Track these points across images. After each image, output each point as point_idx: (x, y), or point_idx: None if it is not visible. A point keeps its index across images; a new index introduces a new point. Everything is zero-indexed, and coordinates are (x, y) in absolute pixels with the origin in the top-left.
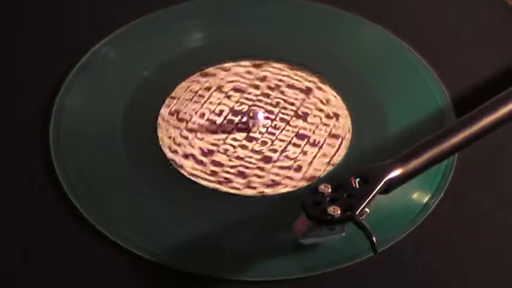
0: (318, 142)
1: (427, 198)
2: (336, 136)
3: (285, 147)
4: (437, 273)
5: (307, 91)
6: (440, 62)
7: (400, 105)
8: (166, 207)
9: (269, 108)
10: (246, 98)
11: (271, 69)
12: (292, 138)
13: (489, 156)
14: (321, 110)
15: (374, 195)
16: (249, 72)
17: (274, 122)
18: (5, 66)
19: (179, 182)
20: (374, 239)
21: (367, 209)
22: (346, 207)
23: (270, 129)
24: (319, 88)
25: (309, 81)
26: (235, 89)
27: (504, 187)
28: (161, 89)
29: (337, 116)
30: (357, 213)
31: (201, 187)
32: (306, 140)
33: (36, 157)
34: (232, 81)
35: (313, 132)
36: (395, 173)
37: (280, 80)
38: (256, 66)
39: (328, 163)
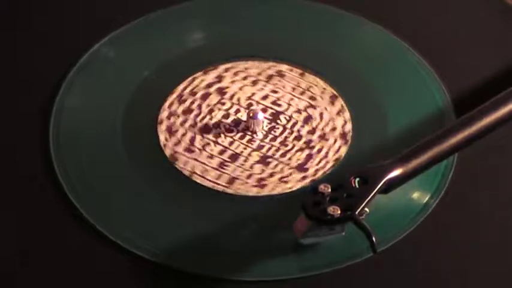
0: (320, 137)
1: (426, 198)
2: (335, 130)
3: (287, 147)
4: (437, 273)
5: (304, 89)
6: (440, 62)
7: (400, 105)
8: (166, 207)
9: (271, 108)
10: (244, 99)
11: (277, 70)
12: (294, 138)
13: (489, 156)
14: (317, 106)
15: (374, 195)
16: (244, 73)
17: (276, 122)
18: (5, 66)
19: (179, 181)
20: (374, 238)
21: (366, 209)
22: (345, 207)
23: (271, 129)
24: (315, 84)
25: (305, 79)
26: (237, 89)
27: (504, 187)
28: (161, 89)
29: (333, 110)
30: (356, 213)
31: (201, 187)
32: (307, 136)
33: (36, 157)
34: (233, 82)
35: (314, 129)
36: (395, 173)
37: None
38: (260, 67)
39: (332, 157)
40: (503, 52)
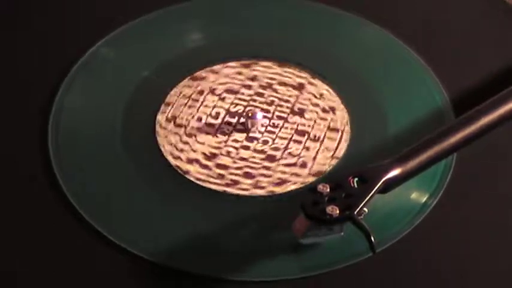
0: (319, 137)
1: (425, 198)
2: (335, 129)
3: (287, 145)
4: (436, 273)
5: (300, 87)
6: (439, 62)
7: (399, 105)
8: (166, 207)
9: (265, 107)
10: (240, 99)
11: (260, 68)
12: (293, 135)
13: (488, 155)
14: (316, 105)
15: (372, 195)
16: (239, 73)
17: (272, 121)
18: (4, 66)
19: (179, 181)
20: (372, 238)
21: (365, 209)
22: (344, 207)
23: (269, 128)
24: (311, 83)
25: (300, 77)
26: (228, 91)
27: (503, 187)
28: (160, 89)
29: (333, 109)
30: (355, 212)
31: (200, 187)
32: (306, 135)
33: (36, 157)
34: (223, 83)
35: (312, 128)
36: (394, 172)
37: (271, 79)
38: (244, 66)
39: (332, 157)
40: (502, 52)
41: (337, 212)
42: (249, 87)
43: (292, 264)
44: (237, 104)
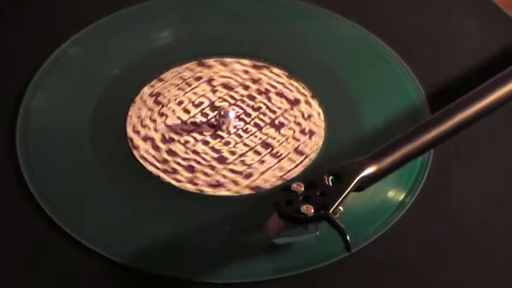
0: (280, 155)
1: (402, 196)
2: (301, 153)
3: (245, 152)
4: (414, 273)
5: (295, 102)
6: (414, 58)
7: (374, 102)
8: (135, 207)
9: (249, 111)
10: (231, 96)
11: (268, 73)
12: (257, 145)
13: (465, 151)
14: (298, 124)
15: (348, 193)
16: (245, 72)
17: (247, 126)
18: None
19: (148, 181)
20: (348, 238)
21: (341, 208)
22: (319, 205)
23: (239, 132)
24: (308, 102)
25: (301, 93)
26: (224, 85)
27: (481, 183)
28: (130, 88)
29: (312, 133)
30: (330, 211)
31: (171, 187)
32: (269, 149)
33: (3, 158)
34: (224, 77)
35: (280, 144)
36: (369, 170)
37: (272, 86)
38: (256, 67)
39: (280, 177)
40: (478, 48)
41: (312, 211)
42: (247, 87)
43: (265, 265)
44: (224, 100)
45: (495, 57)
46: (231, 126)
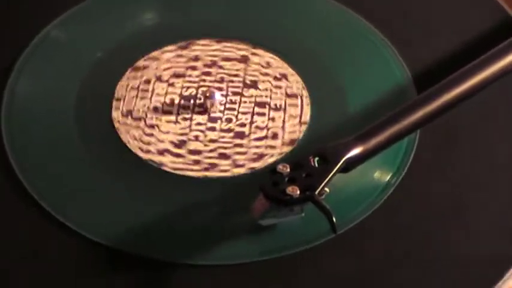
0: (280, 105)
1: (388, 177)
2: (293, 95)
3: (252, 119)
4: (400, 253)
5: (244, 59)
6: (400, 38)
7: (359, 83)
8: (120, 189)
9: (216, 85)
10: (189, 81)
11: (198, 47)
12: (254, 108)
13: (452, 132)
14: (266, 74)
15: (333, 174)
16: (179, 56)
17: (229, 97)
18: None
19: (134, 163)
20: (334, 219)
21: (326, 189)
22: (305, 187)
23: (228, 105)
24: (254, 54)
25: (241, 49)
26: (175, 75)
27: (468, 163)
28: (115, 70)
29: (284, 76)
30: (316, 193)
31: (156, 169)
32: (267, 106)
33: None
34: (167, 69)
35: (271, 97)
36: (355, 151)
37: (213, 56)
38: (182, 48)
39: (300, 123)
40: (464, 27)
41: (298, 192)
42: (194, 68)
43: (250, 247)
44: (188, 87)
45: (482, 37)
46: (218, 105)
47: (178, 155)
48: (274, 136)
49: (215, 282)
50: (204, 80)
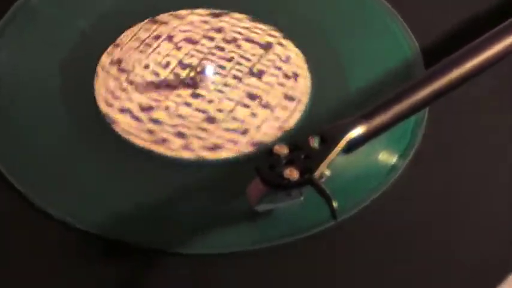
0: (270, 104)
1: (394, 159)
2: (291, 98)
3: (234, 108)
4: (404, 242)
5: (267, 46)
6: (408, 10)
7: (364, 57)
8: (106, 173)
9: (222, 63)
10: (198, 51)
11: (230, 20)
12: (243, 97)
13: (462, 110)
14: (279, 68)
15: (334, 156)
16: (205, 22)
17: (226, 79)
18: None
19: (119, 145)
20: (334, 204)
21: (327, 172)
22: (304, 169)
23: (219, 87)
24: (281, 44)
25: (271, 35)
26: (187, 40)
27: (478, 143)
28: (99, 43)
29: (296, 75)
30: (315, 176)
31: (143, 151)
32: (257, 100)
33: None
34: (184, 31)
35: (267, 93)
36: (358, 130)
37: (238, 33)
38: (214, 15)
39: (279, 128)
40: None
41: (296, 175)
42: (212, 39)
43: (246, 234)
44: (192, 56)
45: (494, 9)
46: (209, 82)
47: (136, 118)
48: (244, 132)
49: (208, 271)
50: (213, 54)
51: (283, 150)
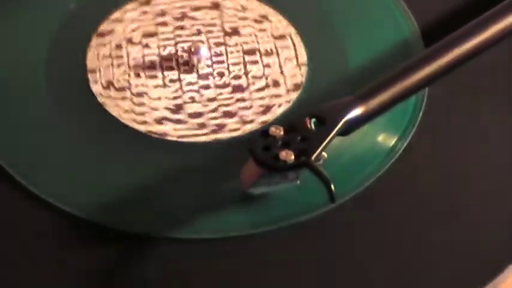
0: (271, 49)
1: (393, 141)
2: (281, 36)
3: (245, 69)
4: (404, 225)
5: (216, 6)
6: None
7: (362, 36)
8: (96, 155)
9: (195, 38)
10: (164, 39)
11: (162, 0)
12: (243, 57)
13: (462, 91)
14: (245, 18)
15: (332, 137)
16: (144, 13)
17: (213, 49)
18: None
19: (111, 127)
20: (332, 187)
21: (324, 154)
22: (300, 151)
23: (214, 59)
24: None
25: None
26: (146, 35)
27: (480, 126)
28: (89, 22)
29: (265, 17)
30: (312, 158)
31: (135, 133)
32: (257, 53)
33: None
34: (136, 29)
35: (258, 42)
36: (356, 111)
37: (181, 7)
38: (145, 3)
39: (298, 65)
40: None
41: (292, 157)
42: (164, 24)
43: (240, 218)
44: (165, 46)
45: None
46: (203, 60)
47: (178, 121)
48: (276, 84)
49: (202, 256)
50: (179, 36)
51: (279, 131)
